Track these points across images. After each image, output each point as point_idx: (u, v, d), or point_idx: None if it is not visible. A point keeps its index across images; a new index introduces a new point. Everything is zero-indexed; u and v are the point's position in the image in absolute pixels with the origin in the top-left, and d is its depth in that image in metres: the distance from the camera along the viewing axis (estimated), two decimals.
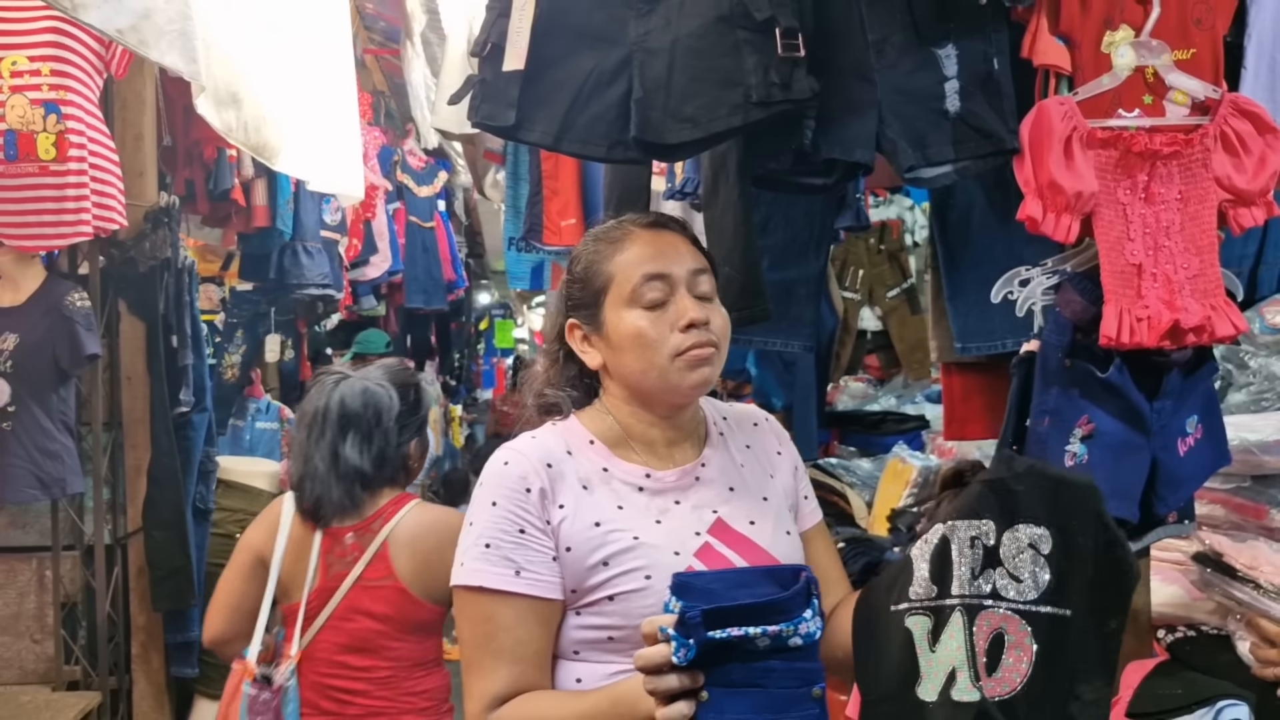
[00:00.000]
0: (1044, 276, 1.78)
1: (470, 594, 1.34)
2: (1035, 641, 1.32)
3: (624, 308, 1.39)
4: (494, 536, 1.34)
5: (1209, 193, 1.79)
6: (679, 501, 1.40)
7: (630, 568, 1.32)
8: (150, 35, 1.94)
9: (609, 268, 1.41)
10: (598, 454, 1.41)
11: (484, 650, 1.33)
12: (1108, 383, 1.74)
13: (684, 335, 1.36)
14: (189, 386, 3.40)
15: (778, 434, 1.58)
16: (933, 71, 1.74)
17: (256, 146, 2.65)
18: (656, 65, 1.63)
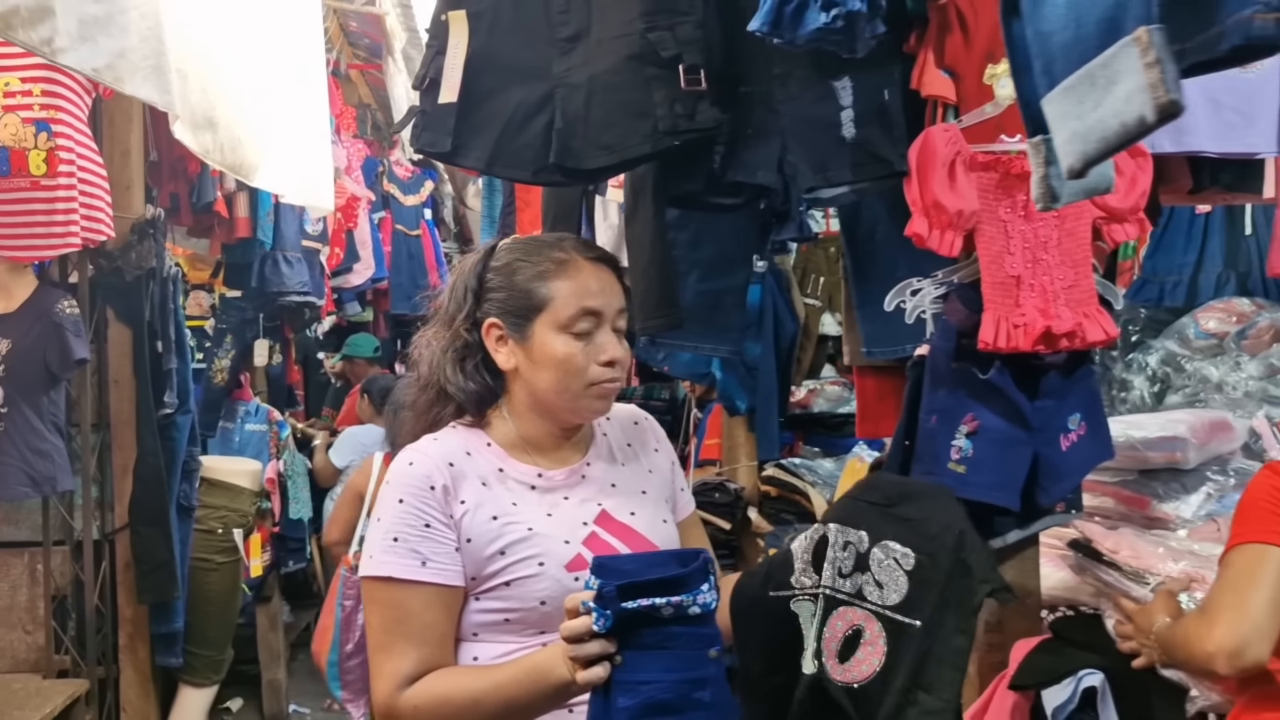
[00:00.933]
0: (933, 287, 1.95)
1: (379, 583, 1.41)
2: (886, 643, 1.45)
3: (556, 331, 1.46)
4: (401, 531, 1.41)
5: (1084, 211, 1.96)
6: (567, 497, 1.50)
7: (525, 556, 1.42)
8: (125, 72, 2.09)
9: (549, 290, 1.47)
10: (495, 455, 1.50)
11: (392, 634, 1.40)
12: (989, 383, 1.91)
13: (602, 369, 1.46)
14: (173, 389, 3.54)
15: (655, 433, 1.68)
16: (831, 102, 1.90)
17: (234, 165, 2.80)
18: (576, 99, 1.81)
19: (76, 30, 2.02)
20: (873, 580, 1.48)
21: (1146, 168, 1.98)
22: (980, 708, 2.10)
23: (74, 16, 2.00)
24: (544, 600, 1.42)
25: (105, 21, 2.08)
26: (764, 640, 1.56)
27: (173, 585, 3.52)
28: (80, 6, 2.02)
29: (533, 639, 1.43)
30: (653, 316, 1.89)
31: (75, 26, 2.02)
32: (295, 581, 5.83)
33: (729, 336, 2.42)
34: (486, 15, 1.86)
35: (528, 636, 1.44)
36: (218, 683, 3.89)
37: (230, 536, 3.93)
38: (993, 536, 2.06)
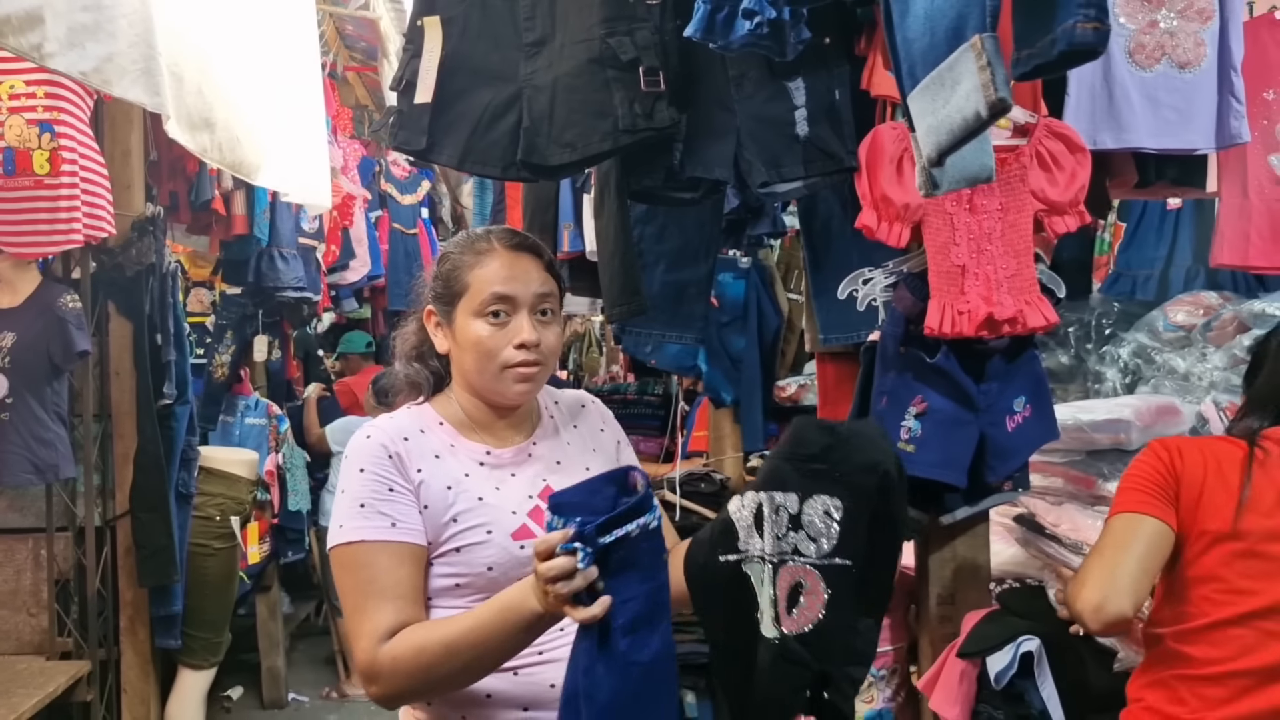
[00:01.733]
0: (883, 276, 2.07)
1: (350, 549, 1.46)
2: (827, 589, 1.54)
3: (472, 316, 1.55)
4: (367, 497, 1.48)
5: (1026, 204, 2.07)
6: (514, 474, 1.58)
7: (474, 524, 1.50)
8: (113, 75, 2.19)
9: (468, 278, 1.56)
10: (446, 433, 1.58)
11: (367, 594, 1.45)
12: (936, 367, 2.02)
13: (516, 351, 1.53)
14: (172, 381, 3.64)
15: (602, 414, 1.76)
16: (784, 101, 2.02)
17: (233, 165, 2.89)
18: (541, 100, 1.92)
19: (66, 36, 2.12)
20: (806, 536, 1.56)
21: (1085, 163, 2.09)
22: (933, 675, 2.22)
23: (64, 24, 2.10)
24: (491, 566, 1.50)
25: (94, 28, 2.17)
26: (722, 605, 1.63)
27: (172, 569, 3.61)
28: (70, 15, 2.12)
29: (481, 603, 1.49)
30: (617, 304, 2.00)
31: (64, 33, 2.11)
32: (294, 572, 5.95)
33: (694, 324, 2.53)
34: (459, 21, 1.97)
35: (476, 601, 1.50)
36: (215, 665, 4.00)
37: (228, 523, 4.03)
38: (943, 513, 2.17)
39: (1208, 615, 1.68)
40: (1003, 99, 0.84)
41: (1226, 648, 1.66)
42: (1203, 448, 1.78)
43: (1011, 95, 0.86)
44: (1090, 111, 2.21)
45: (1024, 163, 2.06)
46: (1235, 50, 2.28)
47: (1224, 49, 2.28)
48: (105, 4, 2.22)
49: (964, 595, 2.22)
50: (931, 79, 0.89)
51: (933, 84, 0.89)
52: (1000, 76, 0.84)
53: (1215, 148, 2.28)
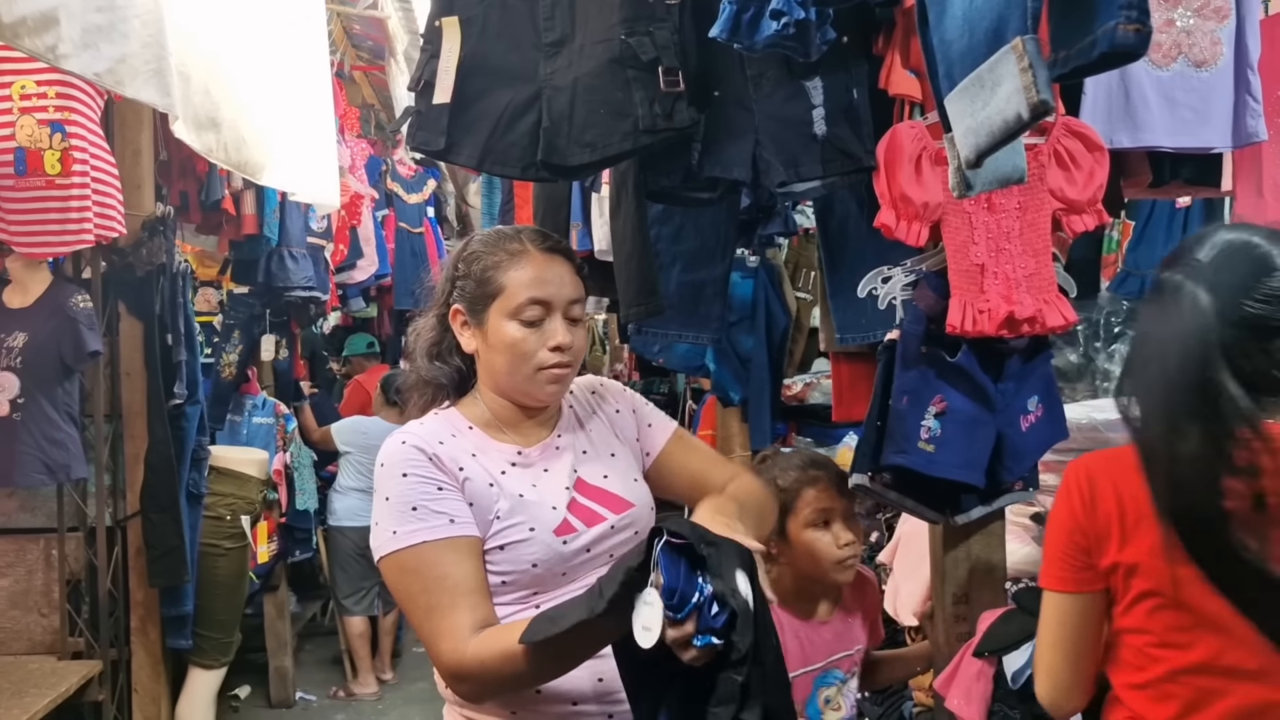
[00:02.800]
0: (903, 275, 2.07)
1: (412, 552, 1.44)
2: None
3: (506, 319, 1.55)
4: (417, 500, 1.46)
5: (1044, 203, 2.07)
6: (546, 470, 1.59)
7: (517, 521, 1.50)
8: (126, 76, 2.20)
9: (503, 279, 1.56)
10: (475, 436, 1.59)
11: (441, 593, 1.42)
12: (957, 366, 2.02)
13: (550, 354, 1.55)
14: (183, 381, 3.65)
15: (614, 392, 1.77)
16: (802, 101, 2.02)
17: (239, 164, 2.91)
18: (561, 100, 1.93)
19: (80, 37, 2.13)
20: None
21: (1103, 162, 2.09)
22: (949, 674, 2.21)
23: (78, 25, 2.11)
24: (535, 564, 1.51)
25: (108, 29, 2.18)
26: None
27: (183, 569, 3.62)
28: (84, 16, 2.13)
29: (526, 600, 1.52)
30: (634, 304, 2.00)
31: (79, 34, 2.12)
32: (302, 572, 5.96)
33: (710, 325, 2.53)
34: (477, 21, 1.98)
35: (522, 598, 1.52)
36: (226, 665, 4.00)
37: (238, 523, 4.04)
38: (958, 513, 2.17)
39: (1145, 671, 1.50)
40: (1045, 100, 0.85)
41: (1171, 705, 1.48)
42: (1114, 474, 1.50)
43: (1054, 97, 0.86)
44: (1107, 110, 2.21)
45: (1042, 161, 2.06)
46: (1252, 49, 2.28)
47: (1240, 47, 2.28)
48: (119, 4, 2.24)
49: (979, 595, 2.23)
50: (970, 80, 0.89)
51: (972, 85, 0.89)
52: (1043, 78, 0.84)
53: (1232, 146, 2.28)
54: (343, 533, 5.38)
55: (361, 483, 5.36)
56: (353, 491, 5.38)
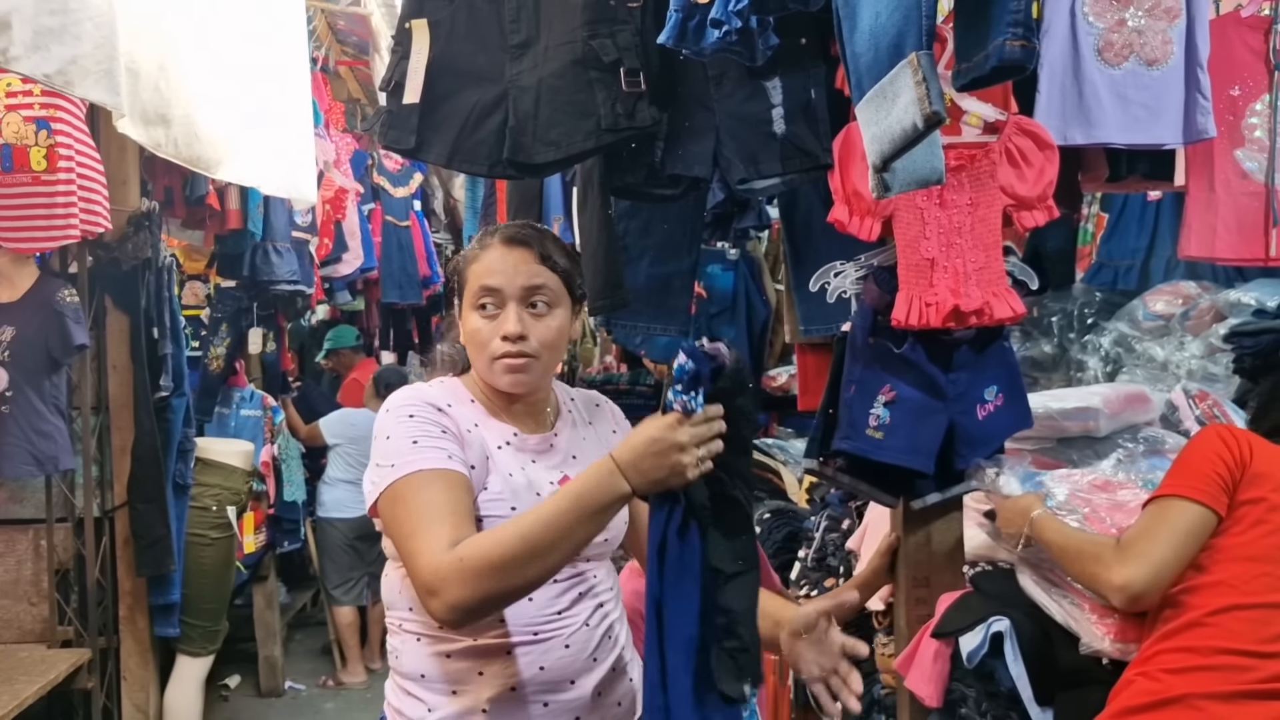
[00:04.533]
0: (854, 269, 2.13)
1: (404, 483, 1.46)
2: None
3: (469, 309, 1.62)
4: (419, 435, 1.50)
5: (995, 199, 2.13)
6: (535, 461, 1.63)
7: (502, 497, 1.54)
8: (76, 77, 2.22)
9: (468, 272, 1.63)
10: (476, 410, 1.63)
11: (424, 517, 1.43)
12: (904, 357, 2.09)
13: (501, 343, 1.57)
14: (169, 373, 3.70)
15: (615, 415, 1.82)
16: (762, 100, 2.08)
17: (190, 159, 2.92)
18: (526, 100, 1.99)
19: (31, 39, 2.16)
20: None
21: (1053, 159, 2.15)
22: (908, 655, 2.29)
23: (30, 28, 2.14)
24: None
25: (59, 31, 2.21)
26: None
27: (169, 559, 3.68)
28: (37, 19, 2.17)
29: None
30: (600, 297, 2.07)
31: (30, 36, 2.15)
32: (291, 562, 6.03)
33: (679, 317, 2.59)
34: (445, 24, 2.03)
35: None
36: (213, 653, 4.07)
37: (224, 513, 4.10)
38: (914, 498, 2.24)
39: (1254, 595, 1.68)
40: (936, 112, 0.91)
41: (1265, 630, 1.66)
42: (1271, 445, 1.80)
43: (945, 109, 0.92)
44: (1061, 108, 2.26)
45: (994, 159, 2.13)
46: (1202, 48, 2.34)
47: (1191, 47, 2.34)
48: (72, 7, 2.24)
49: (939, 578, 2.29)
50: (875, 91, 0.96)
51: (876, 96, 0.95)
52: (935, 91, 0.91)
53: (1183, 143, 2.34)
54: (331, 524, 5.44)
55: (350, 474, 5.43)
56: (341, 483, 5.45)
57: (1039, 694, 2.07)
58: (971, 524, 2.35)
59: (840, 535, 3.27)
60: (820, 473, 2.21)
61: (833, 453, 2.16)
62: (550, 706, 1.56)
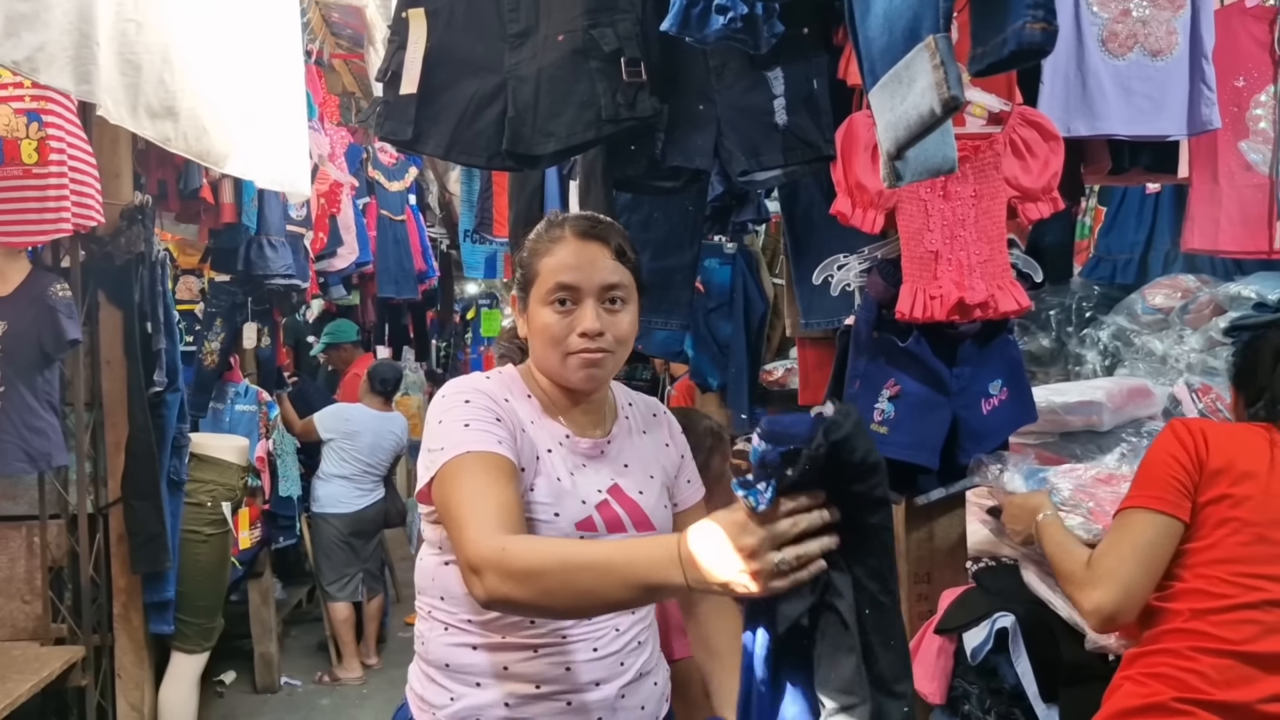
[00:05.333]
0: (858, 262, 2.12)
1: (458, 463, 1.44)
2: None
3: (541, 304, 1.57)
4: (473, 419, 1.49)
5: (999, 191, 2.12)
6: (586, 465, 1.60)
7: (547, 501, 1.52)
8: (42, 63, 2.18)
9: (539, 265, 1.58)
10: (533, 407, 1.60)
11: (481, 497, 1.40)
12: (908, 351, 2.08)
13: (579, 339, 1.54)
14: (162, 369, 3.66)
15: (670, 426, 1.79)
16: (764, 91, 2.06)
17: (199, 153, 2.89)
18: (525, 90, 1.96)
19: (5, 26, 2.13)
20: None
21: (1058, 150, 2.14)
22: (911, 651, 2.27)
23: (4, 14, 2.12)
24: None
25: (31, 18, 2.17)
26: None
27: (164, 556, 3.64)
28: (11, 5, 2.14)
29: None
30: None
31: (4, 22, 2.13)
32: (286, 558, 6.00)
33: (680, 311, 2.57)
34: (443, 13, 2.01)
35: None
36: (209, 649, 4.04)
37: (219, 509, 4.07)
38: (917, 494, 2.23)
39: (1228, 598, 1.66)
40: (955, 97, 0.89)
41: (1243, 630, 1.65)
42: (1228, 430, 1.77)
43: (964, 93, 0.90)
44: (1064, 99, 2.25)
45: (998, 150, 2.11)
46: (1206, 38, 2.33)
47: (1195, 37, 2.33)
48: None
49: (941, 574, 2.28)
50: (890, 76, 0.94)
51: (891, 81, 0.93)
52: (953, 75, 0.89)
53: (1187, 134, 2.33)
54: (326, 519, 5.41)
55: (345, 470, 5.40)
56: (336, 478, 5.42)
57: (1043, 690, 2.06)
58: (974, 519, 2.34)
59: None
60: None
61: None
62: (573, 705, 1.55)
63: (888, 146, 0.97)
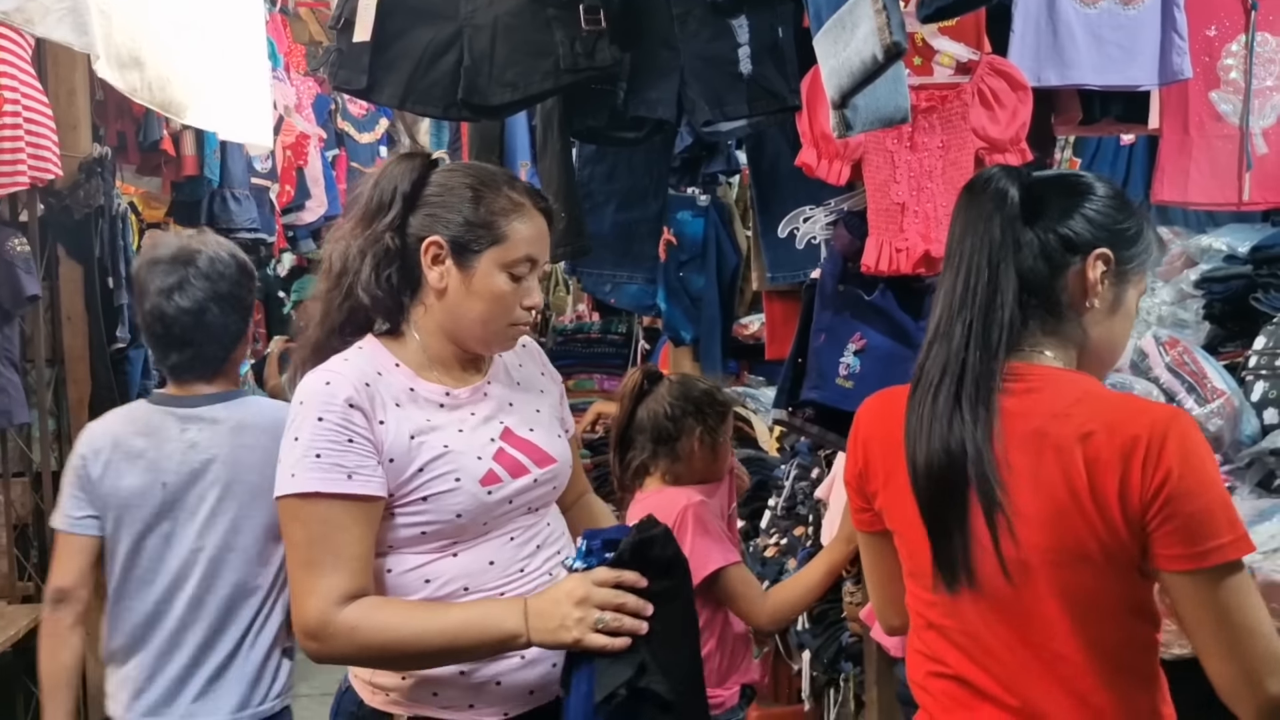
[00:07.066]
0: (823, 215, 2.09)
1: (303, 500, 1.43)
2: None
3: (499, 268, 1.51)
4: (323, 447, 1.44)
5: (967, 141, 2.08)
6: (473, 414, 1.57)
7: (442, 472, 1.49)
8: (36, 14, 2.12)
9: (506, 229, 1.52)
10: (404, 375, 1.54)
11: (320, 550, 1.42)
12: (874, 304, 2.05)
13: (523, 312, 1.55)
14: (125, 324, 3.61)
15: (540, 359, 1.77)
16: (728, 40, 2.01)
17: (163, 104, 2.85)
18: (482, 38, 1.91)
19: None
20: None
21: (1026, 101, 2.11)
22: None
23: None
24: (460, 514, 1.51)
25: None
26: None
27: None
28: None
29: (444, 550, 1.52)
30: (561, 244, 2.01)
31: None
32: None
33: (645, 264, 2.55)
34: None
35: (440, 548, 1.52)
36: None
37: None
38: None
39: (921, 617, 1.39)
40: (897, 43, 0.86)
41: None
42: (889, 406, 1.45)
43: (906, 39, 0.87)
44: (1035, 48, 2.21)
45: (966, 100, 2.08)
46: None
47: None
48: None
49: None
50: (833, 22, 0.91)
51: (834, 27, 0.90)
52: (895, 20, 0.86)
53: (1158, 84, 2.30)
54: None
55: None
56: None
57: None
58: None
59: (810, 484, 3.26)
60: (788, 423, 2.19)
61: (802, 402, 2.13)
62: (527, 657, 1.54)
63: (832, 94, 0.94)
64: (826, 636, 2.97)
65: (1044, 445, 1.24)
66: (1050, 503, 1.23)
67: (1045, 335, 1.33)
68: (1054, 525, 1.23)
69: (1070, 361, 1.34)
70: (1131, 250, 1.33)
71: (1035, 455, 1.24)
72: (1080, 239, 1.30)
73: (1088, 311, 1.33)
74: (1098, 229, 1.31)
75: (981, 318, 1.28)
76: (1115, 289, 1.34)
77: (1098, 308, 1.33)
